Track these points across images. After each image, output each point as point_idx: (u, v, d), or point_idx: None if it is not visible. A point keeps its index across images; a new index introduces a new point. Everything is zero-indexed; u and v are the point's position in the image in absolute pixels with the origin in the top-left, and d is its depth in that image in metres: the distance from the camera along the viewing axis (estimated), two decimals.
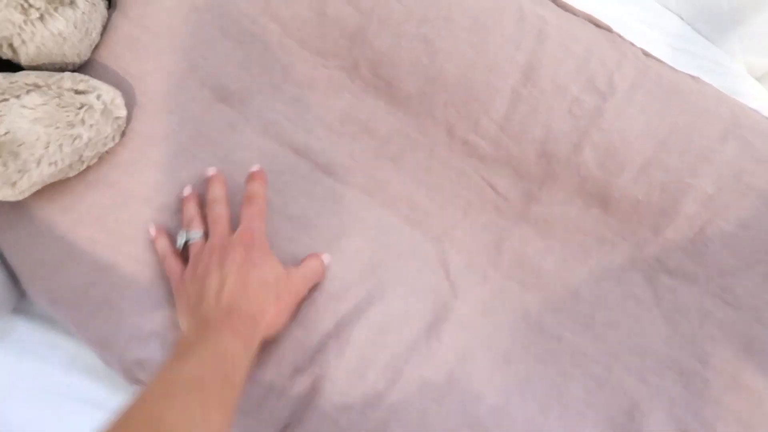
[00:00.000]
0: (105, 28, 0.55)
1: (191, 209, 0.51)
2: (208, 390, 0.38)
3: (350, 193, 0.60)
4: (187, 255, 0.50)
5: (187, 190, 0.53)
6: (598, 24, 0.62)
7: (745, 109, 0.59)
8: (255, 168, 0.54)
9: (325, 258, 0.53)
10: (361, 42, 0.58)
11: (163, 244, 0.50)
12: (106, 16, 0.56)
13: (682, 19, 0.72)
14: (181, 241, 0.50)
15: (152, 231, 0.51)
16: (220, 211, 0.50)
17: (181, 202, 0.53)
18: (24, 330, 0.57)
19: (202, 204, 0.53)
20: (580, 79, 0.57)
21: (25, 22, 0.47)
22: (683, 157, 0.56)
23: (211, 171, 0.53)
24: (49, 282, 0.51)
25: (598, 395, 0.55)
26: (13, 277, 0.54)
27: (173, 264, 0.49)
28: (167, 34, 0.56)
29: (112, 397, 0.56)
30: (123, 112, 0.50)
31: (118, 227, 0.51)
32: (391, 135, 0.61)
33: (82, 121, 0.46)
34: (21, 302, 0.59)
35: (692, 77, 0.60)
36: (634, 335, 0.58)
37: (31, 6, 0.47)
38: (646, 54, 0.61)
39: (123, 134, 0.53)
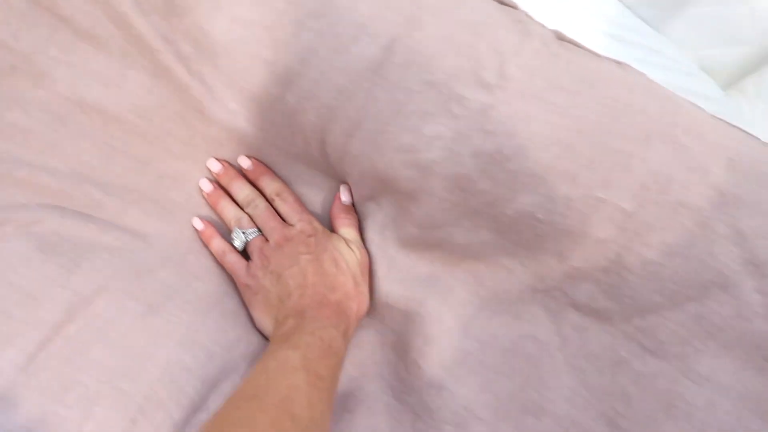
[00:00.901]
0: None
1: (231, 207, 0.52)
2: (321, 377, 0.38)
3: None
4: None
5: (207, 186, 0.53)
6: (502, 2, 0.50)
7: (683, 105, 0.46)
8: (247, 164, 0.53)
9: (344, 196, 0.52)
10: None
11: (219, 241, 0.51)
12: None
13: (621, 2, 0.60)
14: (240, 241, 0.51)
15: (200, 225, 0.52)
16: (263, 207, 0.51)
17: (208, 199, 0.53)
18: None
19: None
20: (463, 70, 0.44)
21: None
22: (594, 165, 0.44)
23: (213, 165, 0.53)
24: None
25: None
26: None
27: (237, 261, 0.50)
28: None
29: None
30: None
31: None
32: None
33: None
34: None
35: (617, 64, 0.47)
36: (530, 387, 0.47)
37: None
38: (561, 37, 0.49)
39: None
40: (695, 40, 0.58)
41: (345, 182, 0.53)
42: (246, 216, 0.52)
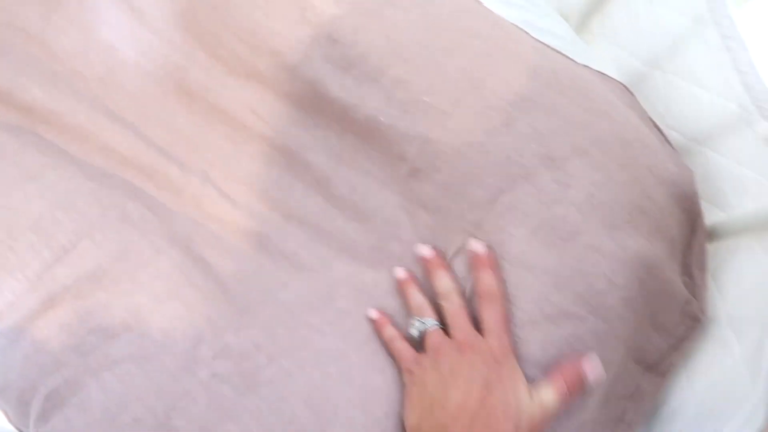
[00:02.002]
0: None
1: (417, 295, 0.50)
2: None
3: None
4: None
5: (401, 273, 0.52)
6: None
7: (506, 26, 0.55)
8: (478, 248, 0.48)
9: (591, 368, 0.44)
10: None
11: (391, 329, 0.49)
12: None
13: None
14: (418, 330, 0.48)
15: (374, 315, 0.50)
16: (459, 304, 0.47)
17: (398, 284, 0.52)
18: None
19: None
20: None
21: None
22: (420, 72, 0.52)
23: (425, 251, 0.51)
24: None
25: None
26: None
27: (405, 348, 0.47)
28: None
29: None
30: None
31: None
32: (145, 50, 0.58)
33: None
34: None
35: None
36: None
37: None
38: None
39: None
40: None
41: None
42: (428, 305, 0.49)
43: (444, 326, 0.48)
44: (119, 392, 0.45)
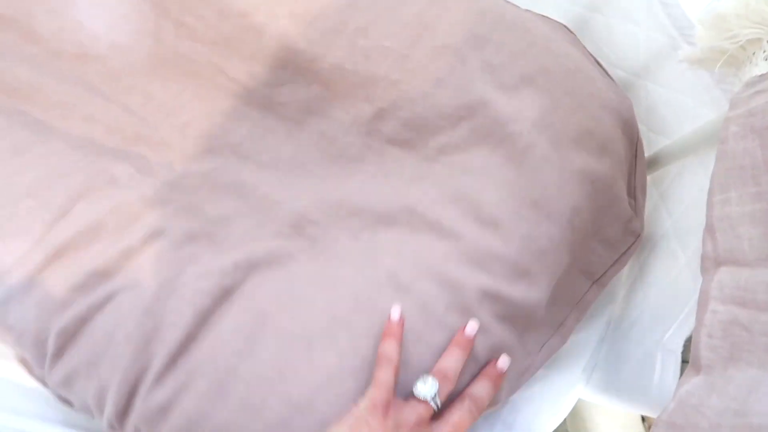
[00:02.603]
0: None
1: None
2: None
3: (69, 75, 0.60)
4: None
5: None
6: None
7: None
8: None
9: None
10: None
11: (395, 347, 0.45)
12: None
13: None
14: (430, 391, 0.44)
15: (395, 314, 0.48)
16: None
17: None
18: None
19: None
20: None
21: None
22: (378, 20, 0.57)
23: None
24: None
25: (309, 252, 0.56)
26: None
27: (389, 382, 0.43)
28: None
29: None
30: None
31: None
32: (122, 24, 0.61)
33: None
34: None
35: None
36: (362, 203, 0.58)
37: None
38: None
39: None
40: None
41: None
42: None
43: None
44: (115, 317, 0.49)
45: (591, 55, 0.62)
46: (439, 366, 0.45)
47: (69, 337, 0.50)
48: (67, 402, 0.53)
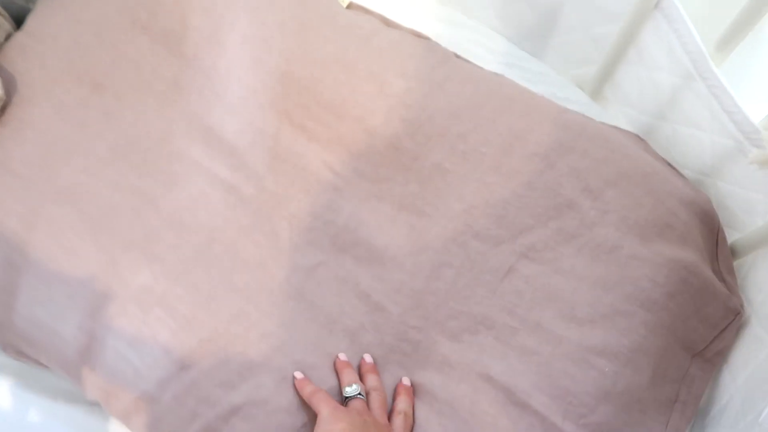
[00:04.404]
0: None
1: (351, 373, 0.58)
2: None
3: (201, 175, 0.68)
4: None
5: (343, 357, 0.60)
6: (418, 35, 0.74)
7: (538, 98, 0.69)
8: (369, 360, 0.61)
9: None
10: (215, 45, 0.70)
11: (311, 386, 0.57)
12: (11, 33, 0.70)
13: (508, 39, 0.85)
14: (354, 391, 0.56)
15: (299, 375, 0.58)
16: (382, 397, 0.57)
17: (337, 364, 0.60)
18: None
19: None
20: (391, 68, 0.68)
21: None
22: (477, 129, 0.66)
23: (367, 359, 0.61)
24: None
25: (415, 360, 0.61)
26: None
27: (328, 397, 0.55)
28: (52, 41, 0.69)
29: None
30: (0, 92, 0.62)
31: None
32: (244, 127, 0.70)
33: None
34: None
35: (495, 74, 0.71)
36: (451, 300, 0.63)
37: None
38: (458, 56, 0.73)
39: (3, 113, 0.64)
40: (563, 63, 0.82)
41: None
42: (359, 381, 0.58)
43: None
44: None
45: (662, 158, 0.69)
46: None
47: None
48: None
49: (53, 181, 0.62)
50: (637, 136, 0.71)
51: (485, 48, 0.84)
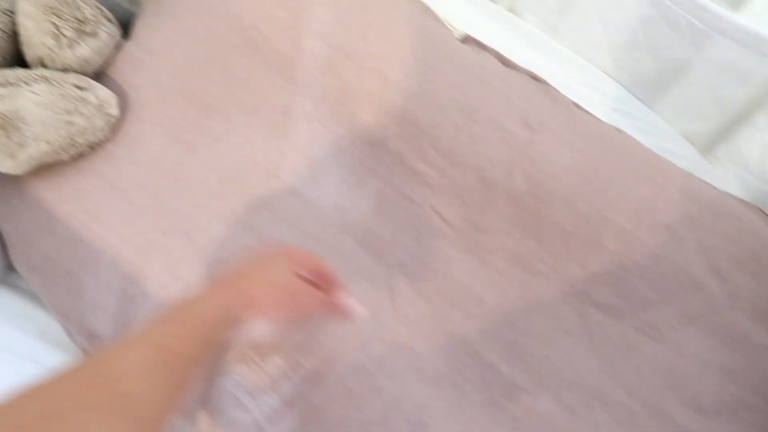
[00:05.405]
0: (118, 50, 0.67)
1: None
2: None
3: (312, 213, 0.66)
4: None
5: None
6: (536, 77, 0.71)
7: (661, 159, 0.66)
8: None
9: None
10: (329, 73, 0.67)
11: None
12: (121, 42, 0.68)
13: (621, 85, 0.81)
14: None
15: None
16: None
17: None
18: (6, 300, 0.64)
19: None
20: (514, 116, 0.65)
21: (56, 46, 0.58)
22: (602, 192, 0.63)
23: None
24: (28, 249, 0.59)
25: (526, 425, 0.58)
26: (4, 250, 0.62)
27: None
28: (165, 56, 0.67)
29: None
30: (115, 111, 0.60)
31: (95, 208, 0.59)
32: (353, 163, 0.68)
33: (78, 111, 0.56)
34: (9, 276, 0.66)
35: (617, 129, 0.68)
36: (566, 368, 0.61)
37: (63, 35, 0.59)
38: (577, 105, 0.70)
39: (114, 131, 0.62)
40: (676, 116, 0.79)
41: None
42: None
43: None
44: None
45: None
46: None
47: None
48: None
49: (167, 212, 0.60)
50: (761, 210, 0.68)
51: (598, 91, 0.81)
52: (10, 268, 0.64)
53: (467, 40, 0.75)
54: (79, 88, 0.57)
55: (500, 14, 0.87)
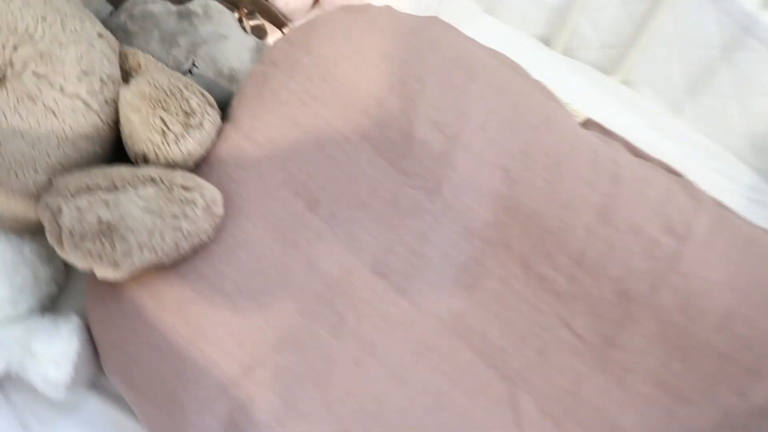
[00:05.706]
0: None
1: None
2: None
3: (424, 319, 0.60)
4: None
5: None
6: (670, 170, 0.64)
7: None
8: None
9: None
10: (444, 165, 0.61)
11: None
12: (221, 126, 0.64)
13: (755, 170, 0.73)
14: None
15: None
16: None
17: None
18: (94, 405, 0.60)
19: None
20: (656, 221, 0.58)
21: (162, 142, 0.55)
22: (758, 313, 0.54)
23: None
24: (126, 363, 0.54)
25: None
26: (96, 352, 0.58)
27: None
28: (268, 145, 0.62)
29: None
30: (220, 211, 0.55)
31: (197, 320, 0.54)
32: (468, 263, 0.62)
33: (185, 215, 0.51)
34: (98, 378, 0.62)
35: (765, 230, 0.60)
36: None
37: (170, 130, 0.55)
38: (719, 204, 0.61)
39: (217, 230, 0.57)
40: None
41: None
42: None
43: None
44: None
45: None
46: None
47: None
48: None
49: (271, 323, 0.55)
50: None
51: (729, 178, 0.73)
52: (99, 369, 0.60)
53: (589, 124, 0.69)
54: (185, 188, 0.53)
55: (614, 88, 0.81)
